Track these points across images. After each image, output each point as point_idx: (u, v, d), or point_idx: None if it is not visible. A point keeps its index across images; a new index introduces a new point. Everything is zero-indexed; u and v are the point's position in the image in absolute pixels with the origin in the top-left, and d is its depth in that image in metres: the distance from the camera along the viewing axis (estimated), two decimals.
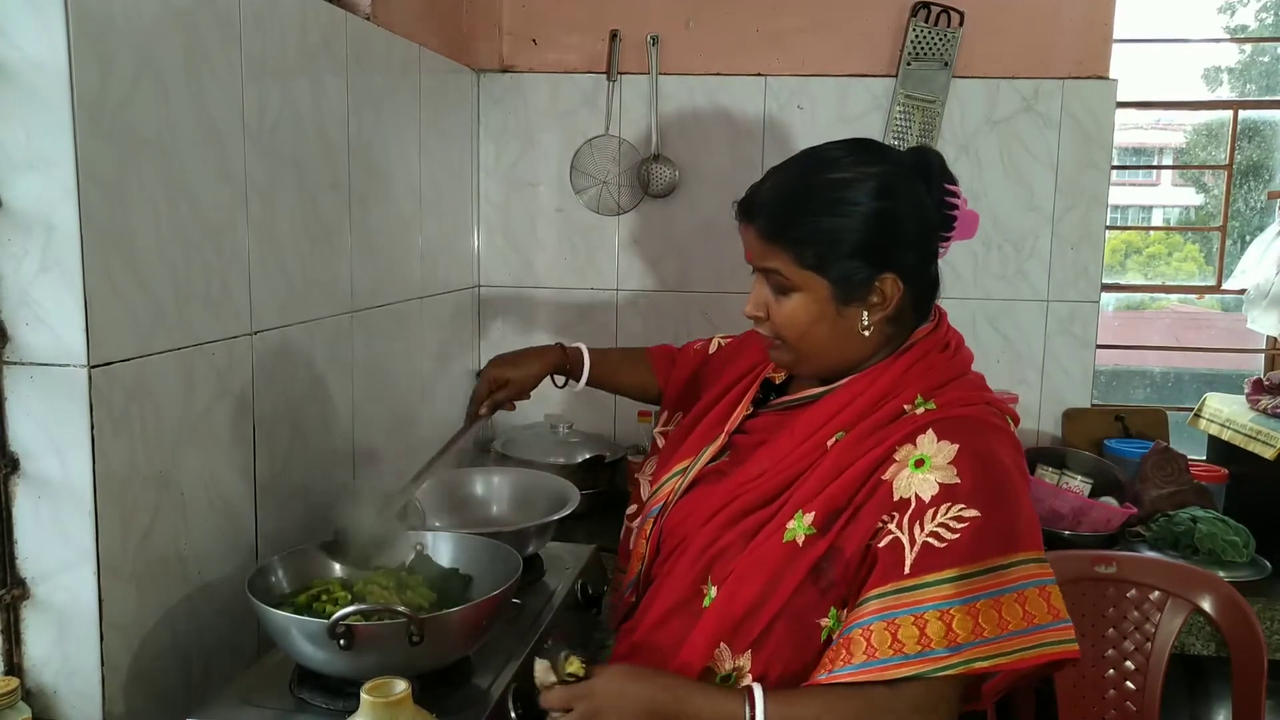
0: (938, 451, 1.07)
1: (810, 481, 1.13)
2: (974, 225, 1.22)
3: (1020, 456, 1.14)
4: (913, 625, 1.00)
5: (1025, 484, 1.10)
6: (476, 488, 1.81)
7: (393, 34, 1.86)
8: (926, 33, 2.28)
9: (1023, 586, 1.02)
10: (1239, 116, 2.45)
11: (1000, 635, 1.00)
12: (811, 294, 1.14)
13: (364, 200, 1.76)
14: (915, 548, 1.03)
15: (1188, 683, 2.01)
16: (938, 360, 1.17)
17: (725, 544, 1.15)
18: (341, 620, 1.10)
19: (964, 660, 0.99)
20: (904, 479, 1.07)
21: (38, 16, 1.03)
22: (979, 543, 1.02)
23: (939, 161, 1.18)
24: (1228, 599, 1.77)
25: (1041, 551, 1.06)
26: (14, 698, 1.07)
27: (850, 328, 1.15)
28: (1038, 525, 1.08)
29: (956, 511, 1.03)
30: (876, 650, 1.00)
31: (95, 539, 1.12)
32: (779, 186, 1.17)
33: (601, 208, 2.41)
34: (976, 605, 1.00)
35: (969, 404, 1.13)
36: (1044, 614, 1.02)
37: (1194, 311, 2.74)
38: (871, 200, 1.12)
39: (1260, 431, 2.06)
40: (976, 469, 1.05)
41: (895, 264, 1.14)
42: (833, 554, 1.08)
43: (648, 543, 1.28)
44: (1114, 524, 1.99)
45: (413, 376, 2.06)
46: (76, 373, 1.09)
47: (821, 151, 1.18)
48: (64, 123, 1.05)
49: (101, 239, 1.10)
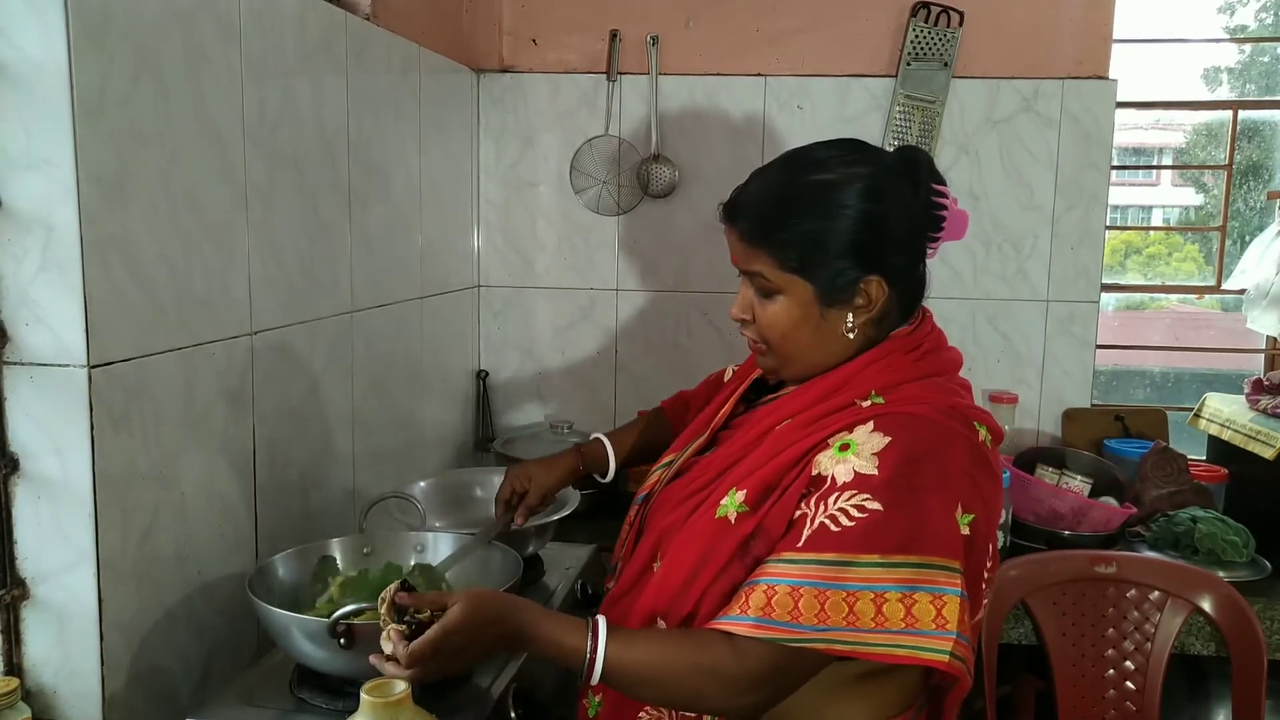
0: (867, 441, 1.06)
1: (748, 461, 1.13)
2: (964, 225, 1.19)
3: (974, 463, 1.07)
4: (788, 596, 1.00)
5: (964, 490, 1.05)
6: (476, 488, 1.81)
7: (393, 34, 1.86)
8: (926, 33, 2.28)
9: (913, 589, 0.99)
10: (1238, 116, 2.45)
11: (874, 629, 0.99)
12: (794, 297, 1.13)
13: (364, 200, 1.76)
14: (813, 525, 1.03)
15: (1188, 683, 2.01)
16: (901, 361, 1.14)
17: (671, 521, 1.17)
18: (342, 619, 1.10)
19: (825, 639, 0.99)
20: (826, 459, 1.07)
21: (38, 16, 1.03)
22: (872, 536, 1.00)
23: (926, 161, 1.16)
24: (1227, 599, 1.78)
25: (952, 560, 1.01)
26: (14, 698, 1.07)
27: (834, 330, 1.14)
28: (953, 533, 1.03)
29: (860, 500, 1.02)
30: (750, 608, 1.01)
31: (95, 539, 1.12)
32: (762, 188, 1.16)
33: (601, 208, 2.41)
34: (857, 595, 0.99)
35: (921, 403, 1.10)
36: (928, 621, 0.99)
37: (1194, 311, 2.74)
38: (856, 202, 1.10)
39: (1260, 431, 2.06)
40: (898, 466, 1.03)
41: (880, 266, 1.12)
42: (759, 531, 1.08)
43: (630, 529, 1.30)
44: (1114, 524, 1.99)
45: (412, 377, 2.06)
46: (76, 373, 1.09)
47: (806, 152, 1.17)
48: (64, 123, 1.05)
49: (101, 239, 1.10)
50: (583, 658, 1.03)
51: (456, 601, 1.03)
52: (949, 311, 2.34)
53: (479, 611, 1.03)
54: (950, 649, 0.99)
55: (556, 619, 1.07)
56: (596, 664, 1.03)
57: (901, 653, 0.99)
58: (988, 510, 1.09)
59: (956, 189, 2.45)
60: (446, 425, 2.29)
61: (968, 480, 1.06)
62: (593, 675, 1.03)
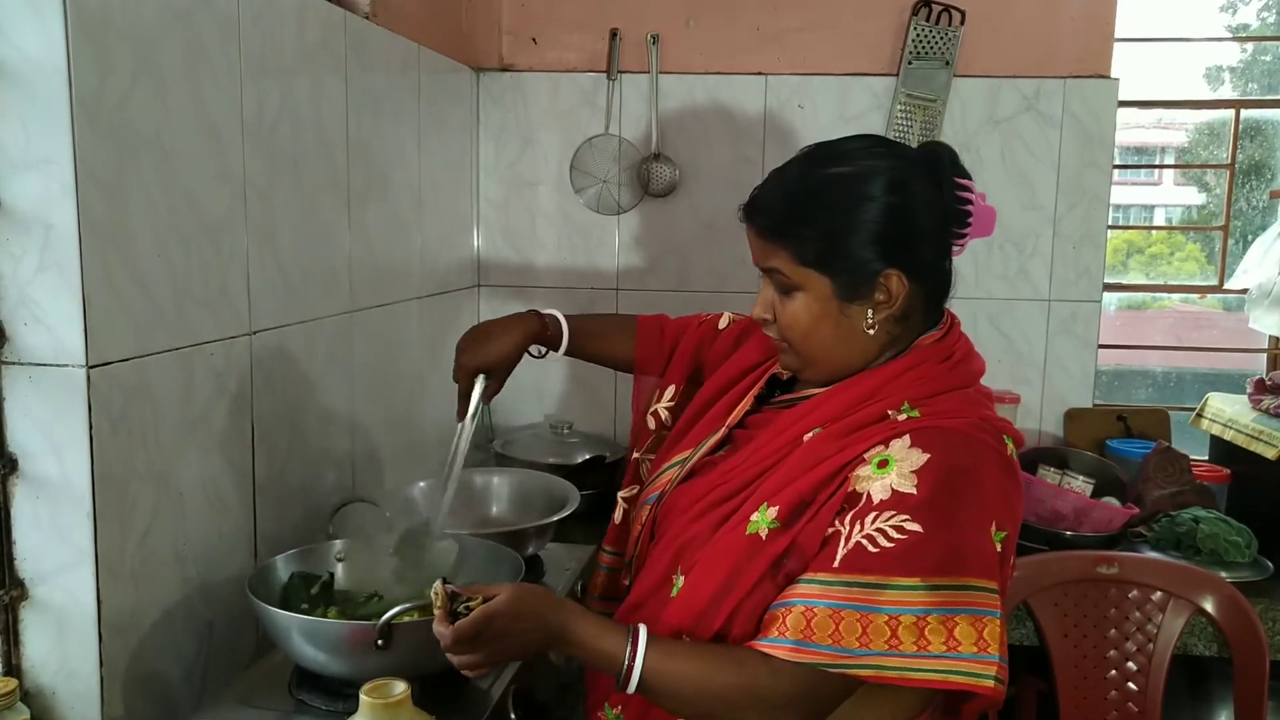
0: (905, 458, 1.04)
1: (778, 475, 1.10)
2: (991, 221, 1.16)
3: (1006, 479, 1.07)
4: (828, 619, 0.99)
5: (998, 509, 1.05)
6: (476, 488, 1.81)
7: (392, 33, 1.86)
8: (927, 32, 2.28)
9: (955, 612, 0.98)
10: (1241, 116, 2.45)
11: (917, 653, 0.97)
12: (813, 292, 1.11)
13: (363, 200, 1.76)
14: (849, 544, 1.01)
15: (1190, 684, 2.00)
16: (934, 370, 1.13)
17: (694, 534, 1.14)
18: (388, 622, 1.09)
19: (870, 666, 0.98)
20: (864, 475, 1.05)
21: (36, 16, 1.03)
22: (911, 558, 0.99)
23: (949, 155, 1.14)
24: (1230, 600, 1.77)
25: (990, 580, 1.01)
26: (13, 699, 1.07)
27: (855, 327, 1.12)
28: (990, 552, 1.03)
29: (898, 521, 1.00)
30: (788, 629, 1.00)
31: (94, 539, 1.11)
32: (779, 184, 1.15)
33: (601, 207, 2.41)
34: (899, 619, 0.98)
35: (957, 416, 1.08)
36: (970, 644, 0.98)
37: (1196, 311, 2.74)
38: (876, 193, 1.09)
39: (1262, 431, 2.05)
40: (937, 485, 1.02)
41: (900, 260, 1.10)
42: (793, 549, 1.06)
43: (643, 529, 1.27)
44: (1116, 524, 1.99)
45: (412, 376, 2.05)
46: (75, 373, 1.09)
47: (827, 146, 1.15)
48: (63, 122, 1.04)
49: (100, 239, 1.10)
50: (621, 663, 1.02)
51: (504, 590, 1.03)
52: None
53: (523, 602, 1.03)
54: (994, 674, 0.99)
55: (598, 622, 1.06)
56: (635, 671, 1.01)
57: (945, 678, 0.98)
58: (1016, 526, 1.08)
59: None
60: (446, 426, 2.28)
61: (1001, 497, 1.06)
62: (630, 682, 1.02)
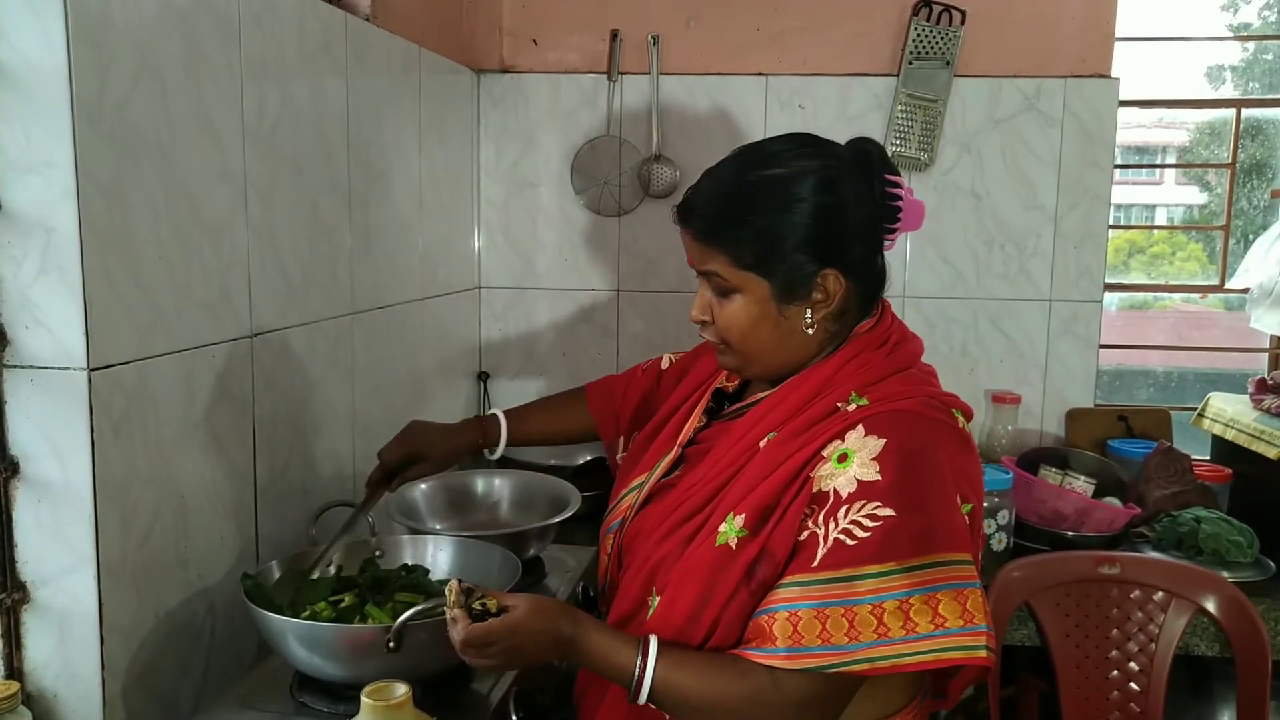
0: (863, 446, 1.05)
1: (740, 483, 1.10)
2: (920, 216, 1.17)
3: (963, 452, 1.09)
4: (814, 619, 0.99)
5: (960, 482, 1.06)
6: (477, 490, 1.81)
7: (392, 34, 1.86)
8: (928, 32, 2.27)
9: (935, 589, 0.99)
10: (1242, 115, 2.45)
11: (906, 637, 0.98)
12: (752, 295, 1.11)
13: (364, 201, 1.76)
14: (827, 543, 1.01)
15: (1192, 684, 2.00)
16: (874, 357, 1.14)
17: (664, 553, 1.13)
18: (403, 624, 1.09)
19: (864, 660, 0.98)
20: (825, 473, 1.05)
21: (36, 18, 1.03)
22: (890, 543, 1.00)
23: (879, 152, 1.15)
24: (1232, 600, 1.77)
25: (965, 553, 1.02)
26: (14, 702, 1.07)
27: (794, 327, 1.13)
28: (961, 525, 1.04)
29: (870, 510, 1.01)
30: (777, 638, 1.00)
31: (95, 542, 1.11)
32: (713, 186, 1.15)
33: (602, 208, 2.41)
34: (883, 605, 0.98)
35: (905, 398, 1.09)
36: (955, 618, 0.99)
37: (1197, 311, 2.74)
38: (809, 195, 1.09)
39: (1264, 431, 2.05)
40: (900, 466, 1.02)
41: (837, 260, 1.10)
42: (764, 556, 1.06)
43: (609, 558, 1.26)
44: (1117, 524, 1.99)
45: (413, 378, 2.05)
46: (76, 375, 1.09)
47: (756, 148, 1.16)
48: (63, 125, 1.05)
49: (101, 241, 1.10)
50: (631, 674, 1.03)
51: (520, 602, 1.05)
52: (951, 311, 2.33)
53: (537, 616, 1.04)
54: (985, 643, 1.00)
55: (609, 633, 1.07)
56: (645, 681, 1.02)
57: (939, 656, 0.99)
58: (979, 497, 1.10)
59: (959, 188, 2.45)
60: None
61: (962, 470, 1.07)
62: (641, 694, 1.02)
